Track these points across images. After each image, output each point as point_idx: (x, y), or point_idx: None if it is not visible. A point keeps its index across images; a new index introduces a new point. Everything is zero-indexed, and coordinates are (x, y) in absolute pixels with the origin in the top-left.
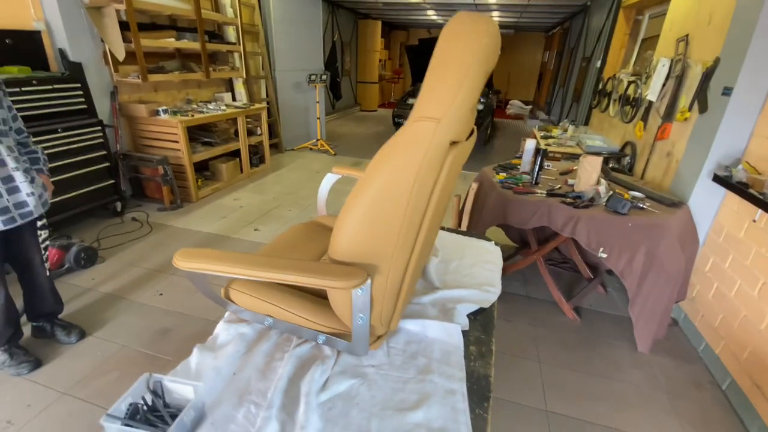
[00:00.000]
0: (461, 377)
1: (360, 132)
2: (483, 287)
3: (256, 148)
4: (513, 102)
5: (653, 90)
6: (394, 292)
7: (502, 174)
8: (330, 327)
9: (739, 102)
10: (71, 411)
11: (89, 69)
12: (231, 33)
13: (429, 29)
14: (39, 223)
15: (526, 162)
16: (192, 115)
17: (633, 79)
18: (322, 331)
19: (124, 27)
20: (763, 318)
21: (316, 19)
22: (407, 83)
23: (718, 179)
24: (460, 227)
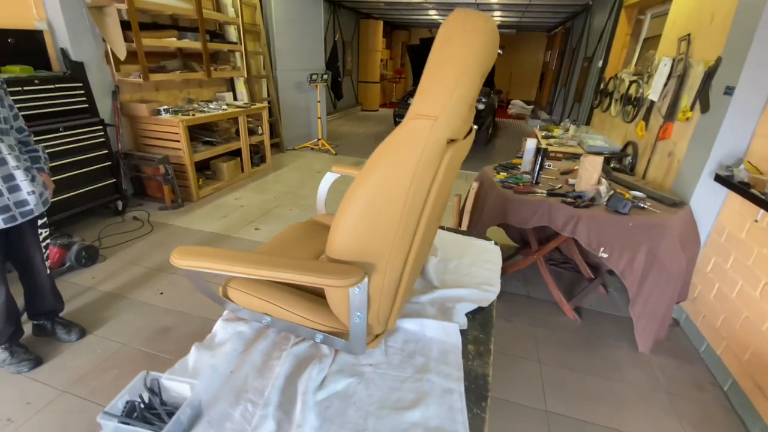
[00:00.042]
0: (459, 376)
1: (361, 132)
2: (482, 286)
3: (257, 147)
4: (515, 102)
5: (655, 90)
6: (391, 290)
7: (502, 173)
8: (328, 326)
9: (741, 101)
10: (71, 409)
11: (91, 68)
12: (232, 32)
13: (430, 29)
14: (40, 222)
15: (526, 161)
16: (193, 115)
17: (635, 79)
18: (319, 330)
19: (125, 26)
20: (765, 319)
21: (317, 19)
22: (408, 83)
23: (719, 179)
24: (460, 227)
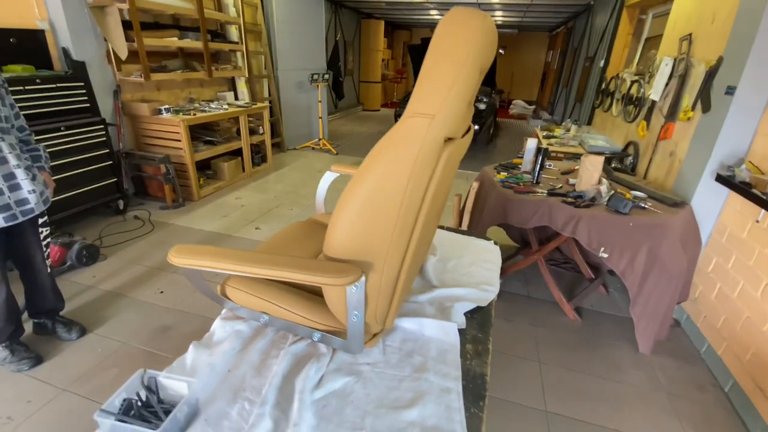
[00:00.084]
0: (457, 376)
1: (362, 131)
2: (481, 286)
3: (258, 147)
4: (516, 102)
5: (656, 89)
6: (389, 289)
7: (503, 173)
8: (325, 324)
9: (743, 101)
10: (71, 407)
11: (92, 68)
12: (234, 32)
13: (432, 29)
14: (40, 221)
15: (527, 161)
16: (194, 114)
17: (636, 79)
18: (317, 329)
19: (127, 26)
20: (766, 319)
21: (318, 19)
22: (410, 83)
23: (721, 179)
24: (460, 226)
